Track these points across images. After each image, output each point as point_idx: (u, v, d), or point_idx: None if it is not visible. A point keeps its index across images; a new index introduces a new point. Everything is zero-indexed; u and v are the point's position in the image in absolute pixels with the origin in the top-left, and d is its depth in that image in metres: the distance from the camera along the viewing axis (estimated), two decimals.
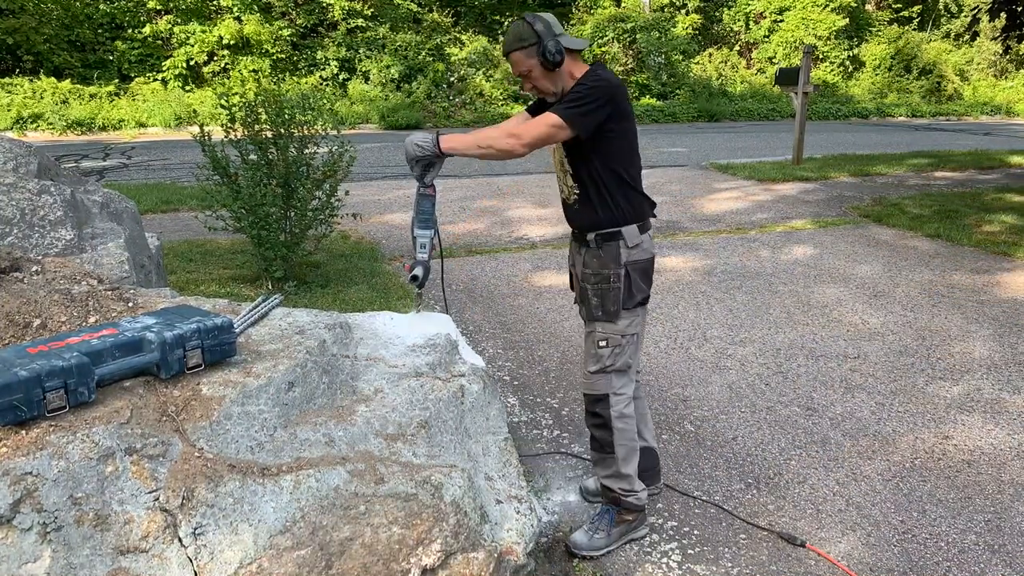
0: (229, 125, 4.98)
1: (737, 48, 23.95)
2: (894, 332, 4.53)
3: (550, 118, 2.26)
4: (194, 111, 14.84)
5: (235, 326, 2.00)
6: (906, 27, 24.40)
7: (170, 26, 16.65)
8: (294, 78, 17.03)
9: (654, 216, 2.53)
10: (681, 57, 20.53)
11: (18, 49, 15.25)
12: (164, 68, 16.56)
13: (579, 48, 2.37)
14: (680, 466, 3.07)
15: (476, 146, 2.33)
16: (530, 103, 2.63)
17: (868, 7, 24.71)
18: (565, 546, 2.52)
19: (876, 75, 23.44)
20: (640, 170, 2.48)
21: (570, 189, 2.48)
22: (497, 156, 2.33)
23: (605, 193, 2.38)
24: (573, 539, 2.52)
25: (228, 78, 16.42)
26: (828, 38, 22.33)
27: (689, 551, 2.55)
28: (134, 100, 15.43)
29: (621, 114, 2.32)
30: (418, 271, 2.40)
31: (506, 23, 21.58)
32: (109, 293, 2.19)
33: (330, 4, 17.83)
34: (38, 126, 13.73)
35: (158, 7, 16.60)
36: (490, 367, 3.94)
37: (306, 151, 5.05)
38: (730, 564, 2.49)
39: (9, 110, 13.64)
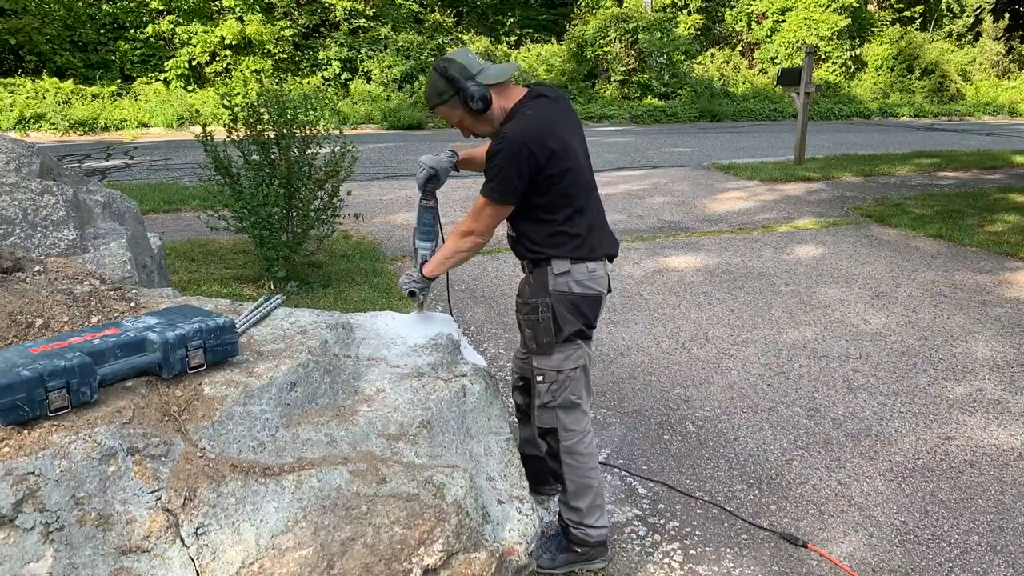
0: (231, 125, 4.98)
1: (739, 48, 23.94)
2: (896, 332, 4.53)
3: (480, 203, 2.19)
4: (197, 111, 14.86)
5: (237, 326, 2.00)
6: (908, 27, 24.37)
7: (172, 26, 16.67)
8: (296, 78, 17.04)
9: (609, 256, 2.35)
10: (683, 57, 20.52)
11: (20, 49, 15.27)
12: (166, 68, 16.58)
13: (502, 78, 2.19)
14: (682, 466, 3.07)
15: (448, 259, 2.34)
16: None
17: (870, 7, 24.69)
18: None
19: (878, 75, 23.42)
20: (586, 206, 2.27)
21: (508, 226, 2.39)
22: (469, 256, 2.36)
23: (529, 233, 2.27)
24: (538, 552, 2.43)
25: (230, 78, 16.43)
26: (830, 38, 22.32)
27: (691, 551, 2.55)
28: (136, 100, 15.45)
29: (547, 162, 2.13)
30: (412, 286, 2.39)
31: (508, 23, 21.62)
32: (111, 293, 2.19)
33: (332, 4, 17.84)
34: (40, 126, 13.75)
35: (160, 7, 16.63)
36: (492, 367, 3.94)
37: (308, 151, 5.06)
38: (732, 564, 2.48)
39: (12, 110, 13.66)
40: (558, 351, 2.28)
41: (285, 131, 4.93)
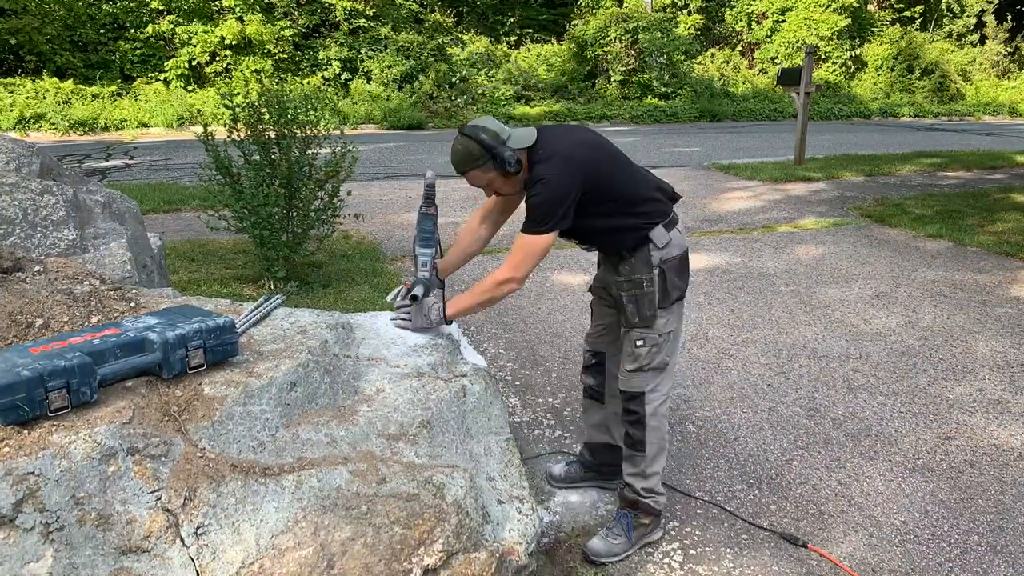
0: (232, 125, 4.98)
1: (739, 48, 23.95)
2: (896, 332, 4.53)
3: (528, 243, 2.28)
4: (199, 111, 14.87)
5: (237, 326, 2.00)
6: (909, 27, 24.38)
7: (172, 26, 16.67)
8: (296, 78, 17.05)
9: (676, 199, 2.49)
10: (683, 57, 20.53)
11: (20, 49, 15.27)
12: (166, 68, 16.58)
13: (527, 144, 2.31)
14: (682, 466, 3.07)
15: (477, 304, 2.41)
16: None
17: (870, 7, 24.69)
18: (583, 554, 2.48)
19: (878, 75, 23.43)
20: (639, 178, 2.43)
21: (581, 246, 2.53)
22: (500, 300, 2.43)
23: (617, 228, 2.37)
24: (591, 547, 2.48)
25: (230, 78, 16.44)
26: (830, 38, 22.32)
27: (691, 551, 2.55)
28: (136, 100, 15.45)
29: (593, 180, 2.28)
30: (418, 290, 2.38)
31: (508, 23, 21.61)
32: (111, 293, 2.19)
33: (332, 4, 17.85)
34: (40, 126, 13.75)
35: (160, 7, 16.63)
36: (492, 367, 3.94)
37: (309, 151, 5.06)
38: (732, 564, 2.48)
39: (12, 110, 13.66)
40: (661, 316, 2.38)
41: (286, 131, 4.93)
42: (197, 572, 1.55)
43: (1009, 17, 24.79)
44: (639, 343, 2.41)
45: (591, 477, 2.90)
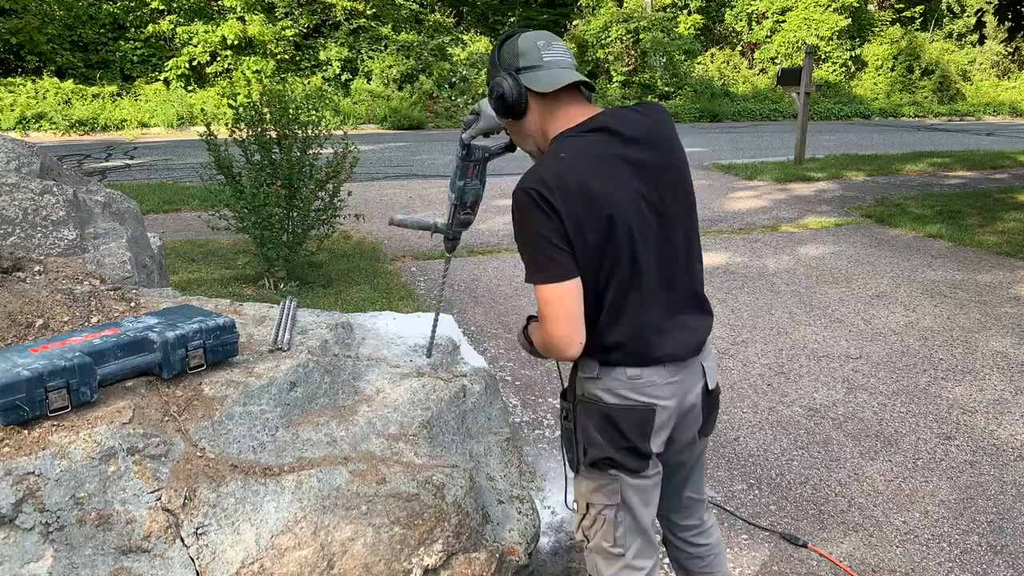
0: (234, 125, 4.99)
1: (739, 48, 23.95)
2: (896, 332, 4.53)
3: (538, 297, 1.51)
4: (202, 110, 14.87)
5: (282, 340, 2.02)
6: (909, 27, 24.38)
7: (173, 26, 16.68)
8: (297, 78, 17.05)
9: (663, 360, 1.57)
10: (683, 57, 20.54)
11: (21, 49, 15.28)
12: (167, 68, 16.59)
13: (549, 88, 1.54)
14: None
15: (539, 356, 1.73)
16: None
17: (870, 7, 24.70)
18: None
19: (879, 75, 23.43)
20: (641, 288, 1.54)
21: None
22: (560, 359, 1.59)
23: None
24: None
25: (231, 78, 16.44)
26: (830, 38, 22.33)
27: None
28: (137, 100, 15.46)
29: (576, 225, 1.46)
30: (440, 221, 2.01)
31: (508, 24, 21.62)
32: (111, 293, 2.19)
33: (332, 4, 17.85)
34: (41, 126, 13.76)
35: (161, 7, 16.63)
36: (492, 367, 3.94)
37: (310, 151, 5.06)
38: (732, 564, 2.48)
39: (12, 110, 13.67)
40: (584, 475, 1.66)
41: (287, 131, 4.93)
42: (197, 572, 1.55)
43: (1009, 16, 24.78)
44: (573, 505, 1.76)
45: None
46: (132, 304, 2.15)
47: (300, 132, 4.98)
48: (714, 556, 1.88)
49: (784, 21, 22.70)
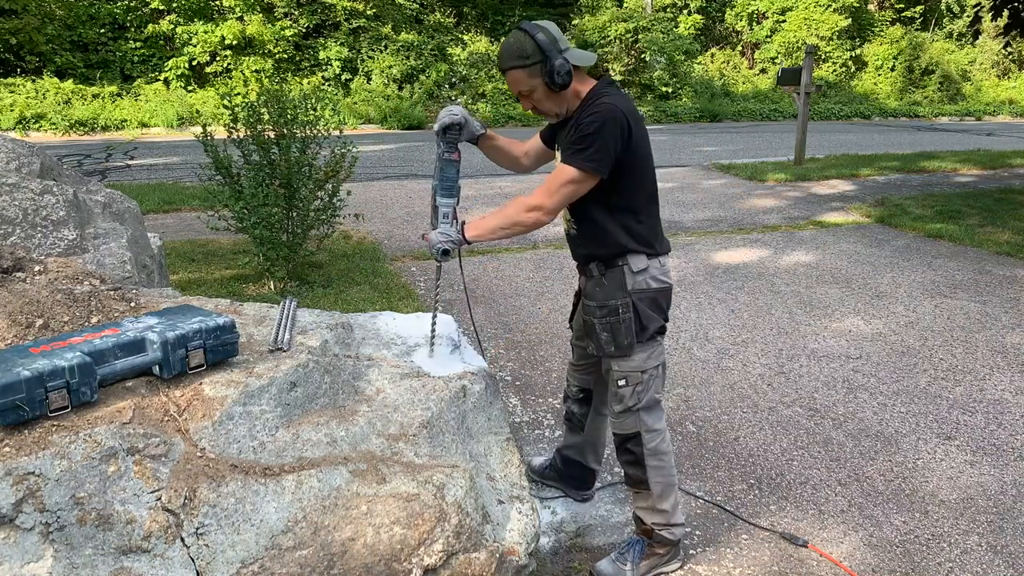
0: (232, 125, 4.99)
1: (739, 48, 23.96)
2: (896, 333, 4.53)
3: (566, 173, 2.07)
4: (198, 111, 14.88)
5: (282, 340, 2.03)
6: (909, 27, 24.39)
7: (173, 26, 16.68)
8: (296, 78, 17.06)
9: (667, 249, 2.29)
10: (683, 57, 20.54)
11: (21, 49, 15.28)
12: (167, 68, 16.60)
13: (587, 64, 2.14)
14: (682, 467, 3.07)
15: (501, 228, 2.17)
16: (545, 127, 2.42)
17: (870, 7, 24.71)
18: (589, 574, 2.42)
19: (879, 75, 23.44)
20: (653, 196, 2.25)
21: (568, 222, 2.32)
22: (524, 232, 2.19)
23: (607, 226, 2.19)
24: (599, 568, 2.40)
25: (231, 78, 16.45)
26: (830, 38, 22.33)
27: (691, 551, 2.55)
28: (136, 100, 15.46)
29: (635, 145, 2.11)
30: (449, 245, 2.17)
31: (508, 24, 21.63)
32: (111, 293, 2.19)
33: (332, 4, 17.86)
34: (41, 126, 13.76)
35: (161, 7, 16.63)
36: (492, 367, 3.94)
37: (308, 151, 5.06)
38: (732, 564, 2.48)
39: (12, 110, 13.67)
40: (639, 350, 2.22)
41: (286, 131, 4.93)
42: (197, 572, 1.55)
43: (1005, 14, 24.79)
44: (621, 383, 2.26)
45: (558, 481, 2.83)
46: (132, 304, 2.15)
47: (299, 132, 4.98)
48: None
49: (784, 21, 22.71)
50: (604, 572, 2.39)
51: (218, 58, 16.76)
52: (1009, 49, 25.44)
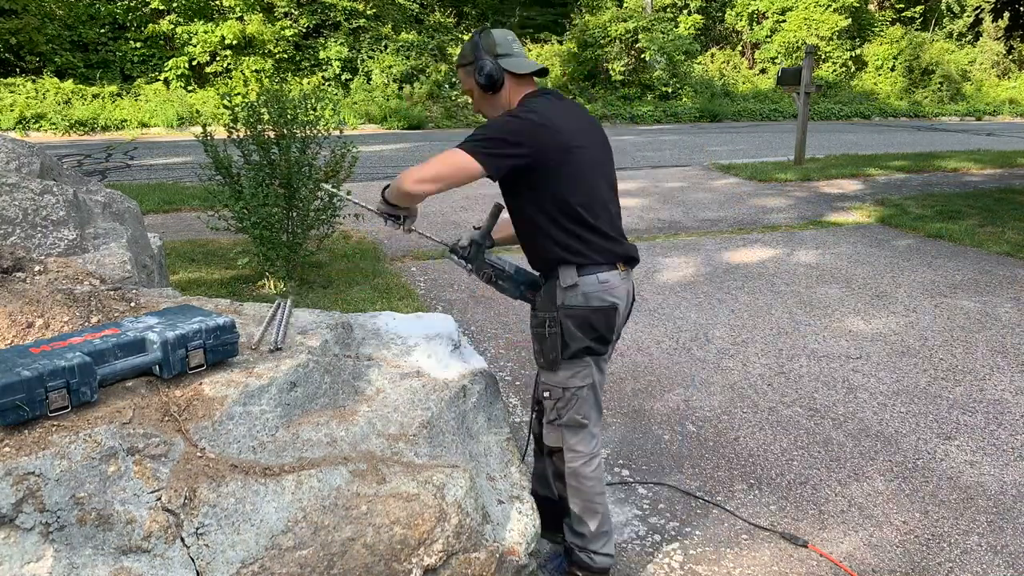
0: (232, 125, 4.99)
1: (739, 48, 23.96)
2: (896, 333, 4.53)
3: (454, 154, 2.00)
4: (198, 111, 14.88)
5: (275, 340, 2.02)
6: (909, 27, 24.39)
7: (173, 26, 16.68)
8: (296, 78, 17.06)
9: (626, 262, 2.17)
10: (683, 57, 20.54)
11: (21, 49, 15.28)
12: (167, 68, 16.59)
13: (522, 71, 2.13)
14: (682, 467, 3.07)
15: (397, 193, 2.14)
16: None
17: (871, 7, 24.71)
18: None
19: (879, 75, 23.44)
20: (593, 207, 2.11)
21: (516, 229, 2.27)
22: (408, 198, 2.14)
23: (541, 233, 2.13)
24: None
25: (231, 78, 16.45)
26: (830, 38, 22.33)
27: (691, 551, 2.55)
28: (136, 100, 15.46)
29: (552, 154, 2.02)
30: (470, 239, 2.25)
31: (508, 24, 21.64)
32: (111, 293, 2.19)
33: (332, 4, 17.85)
34: (41, 126, 13.76)
35: (161, 7, 16.63)
36: (492, 367, 3.94)
37: (308, 151, 5.06)
38: (732, 564, 2.48)
39: (12, 110, 13.67)
40: (564, 367, 2.16)
41: (285, 131, 4.93)
42: (197, 572, 1.55)
43: (1006, 15, 24.80)
44: (546, 394, 2.22)
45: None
46: (132, 304, 2.15)
47: (299, 132, 4.98)
48: None
49: (784, 21, 22.71)
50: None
51: (218, 58, 16.76)
52: (1006, 48, 25.44)
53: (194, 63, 16.66)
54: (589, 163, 2.12)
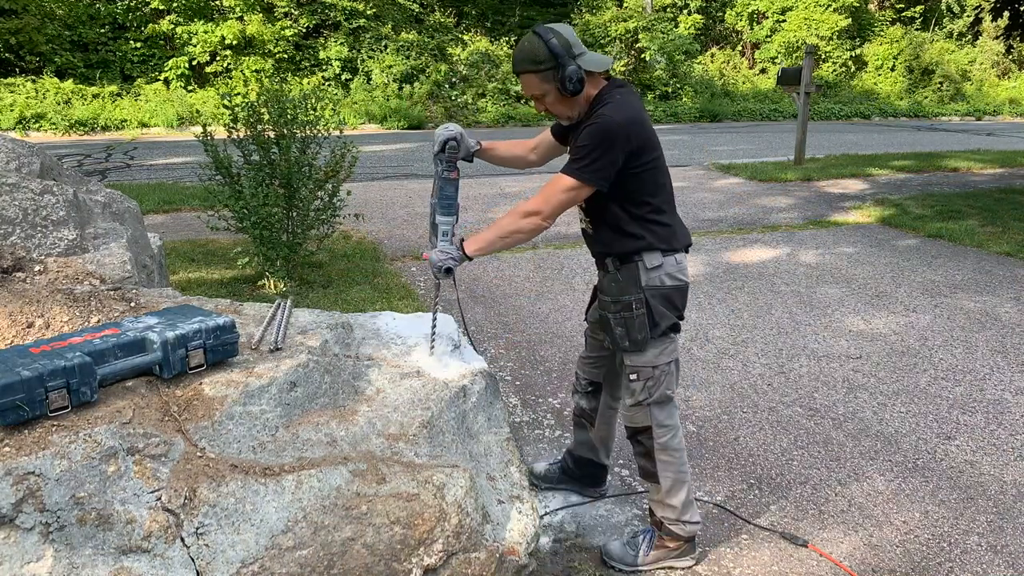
0: (232, 125, 4.99)
1: (739, 48, 23.96)
2: (896, 332, 4.53)
3: (563, 181, 2.10)
4: (198, 111, 14.88)
5: (275, 340, 2.02)
6: (909, 27, 24.39)
7: (173, 26, 16.68)
8: (296, 78, 17.06)
9: (687, 246, 2.32)
10: (683, 57, 20.54)
11: (21, 49, 15.28)
12: (167, 68, 16.59)
13: (601, 69, 2.16)
14: None
15: (500, 239, 2.20)
16: (554, 123, 2.42)
17: (871, 7, 24.71)
18: (600, 552, 2.49)
19: (879, 75, 23.44)
20: (669, 197, 2.28)
21: (584, 220, 2.36)
22: (525, 239, 2.24)
23: (621, 224, 2.23)
24: (608, 547, 2.47)
25: (231, 78, 16.45)
26: (830, 38, 22.33)
27: None
28: (136, 100, 15.46)
29: (640, 150, 2.11)
30: (450, 263, 2.19)
31: (508, 23, 21.62)
32: (111, 293, 2.19)
33: (332, 4, 17.85)
34: (41, 126, 13.76)
35: (161, 7, 16.63)
36: (492, 367, 3.94)
37: (308, 151, 5.06)
38: (732, 564, 2.48)
39: (12, 110, 13.67)
40: (652, 346, 2.25)
41: (285, 131, 4.93)
42: (197, 572, 1.55)
43: (1006, 15, 24.80)
44: (632, 377, 2.30)
45: (570, 482, 2.84)
46: (132, 304, 2.15)
47: (299, 132, 4.98)
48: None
49: (784, 21, 22.71)
50: (613, 553, 2.45)
51: (218, 58, 16.75)
52: (1004, 47, 25.44)
53: (194, 63, 16.66)
54: (662, 155, 2.24)
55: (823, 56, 22.48)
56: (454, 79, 18.12)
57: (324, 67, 17.92)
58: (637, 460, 2.43)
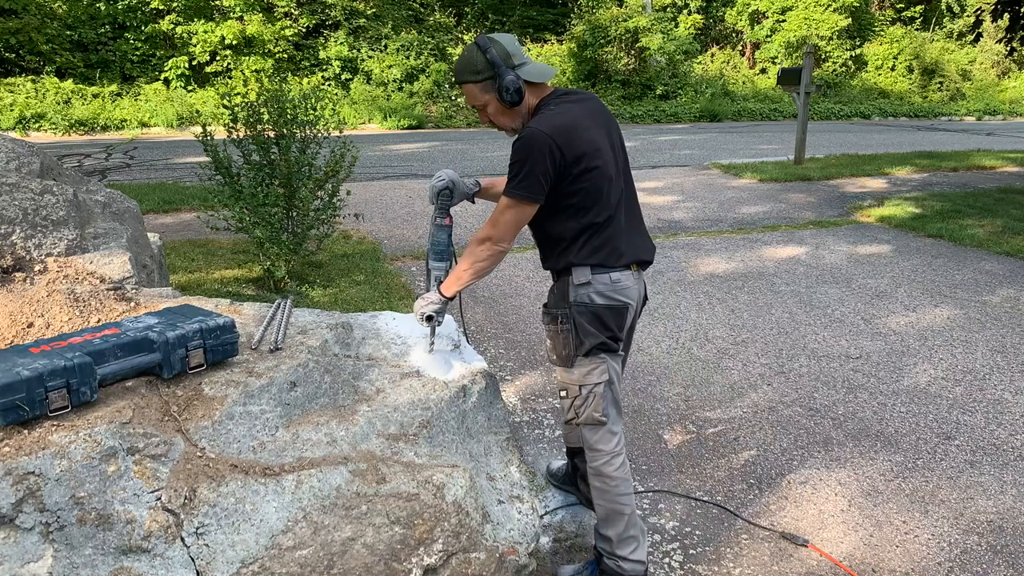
0: (232, 125, 4.99)
1: (740, 48, 23.96)
2: (896, 332, 4.53)
3: (503, 201, 2.06)
4: (198, 111, 14.87)
5: (274, 340, 2.02)
6: (909, 27, 24.39)
7: (173, 26, 16.68)
8: (296, 78, 17.06)
9: (640, 262, 2.20)
10: (683, 57, 20.53)
11: (21, 49, 15.28)
12: (167, 68, 16.59)
13: (542, 79, 2.10)
14: (682, 466, 3.07)
15: (466, 273, 2.15)
16: None
17: (871, 7, 24.70)
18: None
19: (879, 75, 23.43)
20: (615, 210, 2.13)
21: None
22: (489, 266, 2.17)
23: (551, 237, 2.17)
24: (561, 571, 2.38)
25: (231, 78, 16.45)
26: (830, 38, 22.32)
27: (691, 551, 2.55)
28: (136, 100, 15.46)
29: (577, 159, 2.02)
30: (430, 309, 2.21)
31: (508, 23, 21.63)
32: (111, 293, 2.19)
33: (332, 4, 17.85)
34: (40, 126, 13.75)
35: (161, 7, 16.63)
36: (492, 367, 3.94)
37: (308, 151, 5.06)
38: (732, 564, 2.48)
39: (12, 110, 13.67)
40: (579, 365, 2.15)
41: (285, 131, 4.93)
42: (197, 572, 1.55)
43: (1006, 16, 24.80)
44: (562, 393, 2.23)
45: (575, 488, 2.72)
46: (132, 304, 2.15)
47: (298, 132, 4.98)
48: None
49: (784, 21, 22.70)
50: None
51: (218, 58, 16.75)
52: (1006, 48, 25.44)
53: (194, 63, 16.65)
54: (611, 162, 2.13)
55: (823, 56, 22.47)
56: (453, 79, 18.10)
57: (324, 67, 17.92)
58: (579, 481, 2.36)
